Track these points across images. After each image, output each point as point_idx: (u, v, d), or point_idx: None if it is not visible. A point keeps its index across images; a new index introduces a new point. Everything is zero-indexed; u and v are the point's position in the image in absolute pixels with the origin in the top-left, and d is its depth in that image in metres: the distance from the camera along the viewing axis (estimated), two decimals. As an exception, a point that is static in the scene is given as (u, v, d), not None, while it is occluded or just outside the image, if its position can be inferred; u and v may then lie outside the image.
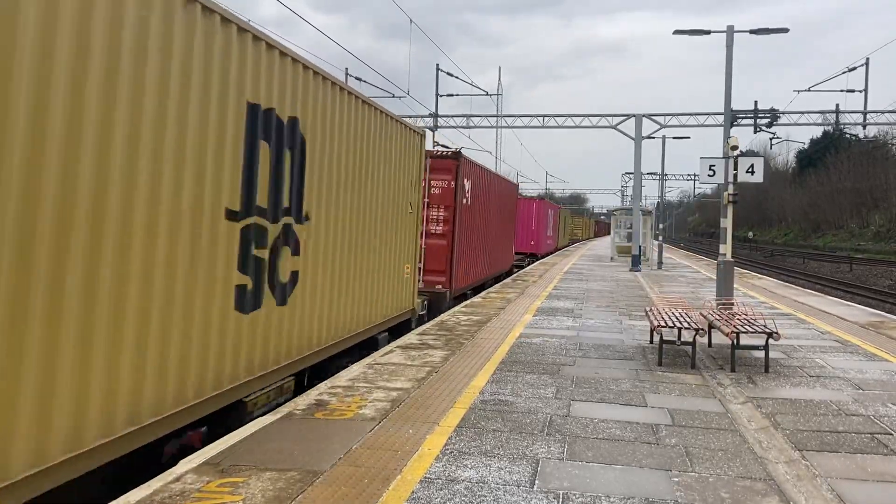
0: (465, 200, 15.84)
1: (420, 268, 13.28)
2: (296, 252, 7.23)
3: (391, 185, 10.31)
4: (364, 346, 9.64)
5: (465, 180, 15.90)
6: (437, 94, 35.16)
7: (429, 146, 14.37)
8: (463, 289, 16.37)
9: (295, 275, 7.22)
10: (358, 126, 8.83)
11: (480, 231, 18.12)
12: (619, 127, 30.51)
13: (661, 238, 34.55)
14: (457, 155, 15.34)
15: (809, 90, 32.71)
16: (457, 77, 35.87)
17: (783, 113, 31.37)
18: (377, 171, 9.63)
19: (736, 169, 13.40)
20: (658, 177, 43.86)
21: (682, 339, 9.90)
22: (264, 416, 6.16)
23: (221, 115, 5.76)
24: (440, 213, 15.10)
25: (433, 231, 15.03)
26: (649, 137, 30.55)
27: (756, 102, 30.92)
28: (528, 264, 28.50)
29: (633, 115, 29.76)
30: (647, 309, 10.63)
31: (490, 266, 20.22)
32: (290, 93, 6.94)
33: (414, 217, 11.73)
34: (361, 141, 8.97)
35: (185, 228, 5.35)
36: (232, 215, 5.97)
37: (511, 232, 24.60)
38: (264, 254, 6.56)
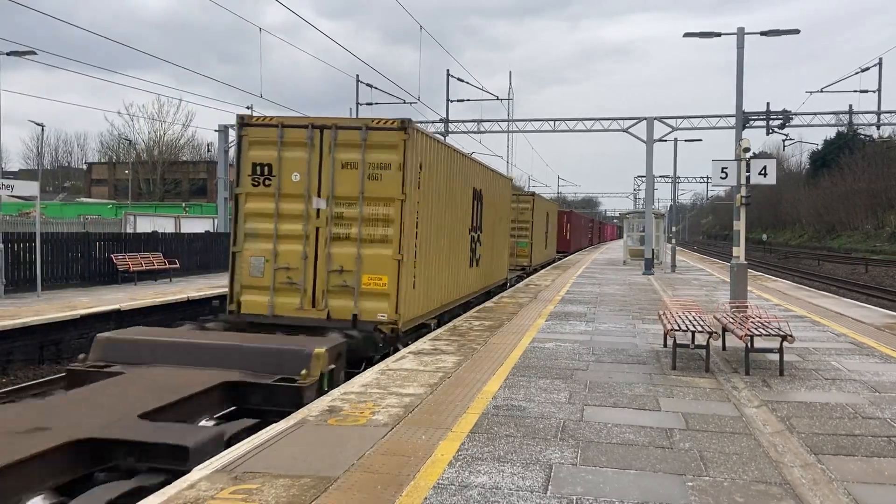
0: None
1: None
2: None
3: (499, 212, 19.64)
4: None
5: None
6: (447, 100, 35.22)
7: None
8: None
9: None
10: (489, 184, 17.49)
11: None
12: (630, 130, 30.41)
13: (674, 241, 34.37)
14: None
15: (822, 91, 32.38)
16: (466, 82, 35.92)
17: (796, 114, 31.18)
18: (497, 204, 18.96)
19: (748, 171, 13.34)
20: (670, 179, 43.73)
21: (696, 343, 9.83)
22: (277, 423, 6.19)
23: (466, 192, 14.70)
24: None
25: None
26: (661, 140, 30.42)
27: (768, 104, 30.78)
28: None
29: (644, 119, 29.64)
30: (661, 312, 10.59)
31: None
32: (480, 179, 16.23)
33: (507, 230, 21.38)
34: (492, 189, 17.85)
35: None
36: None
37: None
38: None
